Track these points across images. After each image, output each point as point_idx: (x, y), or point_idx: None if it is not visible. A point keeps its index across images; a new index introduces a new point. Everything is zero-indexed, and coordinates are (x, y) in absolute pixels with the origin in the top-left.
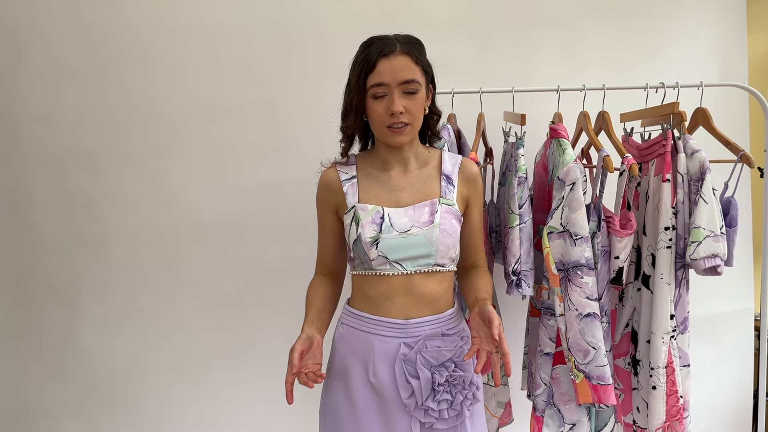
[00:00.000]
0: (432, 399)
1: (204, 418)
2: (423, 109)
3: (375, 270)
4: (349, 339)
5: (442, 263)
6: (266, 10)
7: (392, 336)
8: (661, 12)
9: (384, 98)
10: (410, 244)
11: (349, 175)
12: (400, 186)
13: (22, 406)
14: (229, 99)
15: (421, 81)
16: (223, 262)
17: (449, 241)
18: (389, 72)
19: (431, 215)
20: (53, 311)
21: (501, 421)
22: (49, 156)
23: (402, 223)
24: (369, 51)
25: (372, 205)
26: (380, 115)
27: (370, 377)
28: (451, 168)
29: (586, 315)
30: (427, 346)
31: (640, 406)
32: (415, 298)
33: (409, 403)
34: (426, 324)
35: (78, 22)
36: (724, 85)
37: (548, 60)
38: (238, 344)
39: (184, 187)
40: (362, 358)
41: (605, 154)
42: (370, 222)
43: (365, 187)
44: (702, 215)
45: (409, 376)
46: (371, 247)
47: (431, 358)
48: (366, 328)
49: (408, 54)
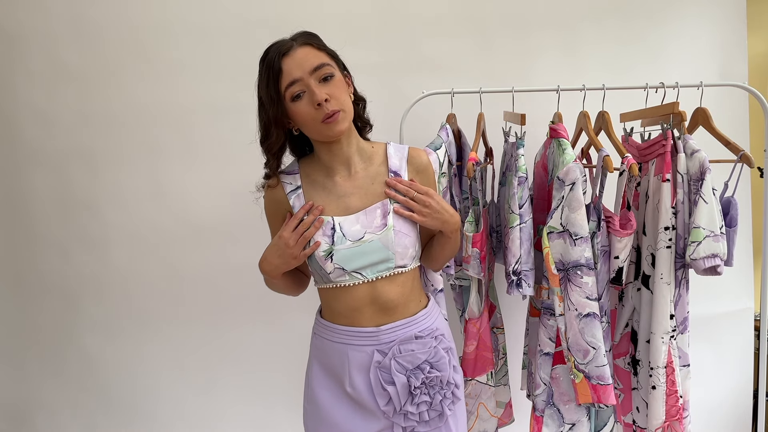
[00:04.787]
0: (411, 403)
1: (204, 417)
2: (347, 93)
3: (335, 282)
4: (324, 350)
5: (403, 264)
6: (266, 9)
7: (365, 344)
8: (661, 12)
9: (303, 96)
10: (366, 252)
11: (294, 186)
12: (348, 191)
13: (21, 406)
14: (229, 99)
15: (332, 64)
16: (223, 262)
17: (406, 240)
18: (297, 66)
19: (383, 218)
20: (53, 311)
21: (501, 421)
22: (48, 156)
23: (354, 231)
24: (268, 58)
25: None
26: (307, 112)
27: (347, 388)
28: (399, 162)
29: (585, 315)
30: (401, 351)
31: (639, 406)
32: (380, 305)
33: (387, 410)
34: (398, 329)
35: (78, 22)
36: (724, 85)
37: (548, 60)
38: (237, 344)
39: (184, 187)
40: (338, 370)
41: (605, 154)
42: (322, 235)
43: (311, 197)
44: (702, 215)
45: (384, 383)
46: (326, 260)
47: (406, 363)
48: (338, 339)
49: (307, 44)
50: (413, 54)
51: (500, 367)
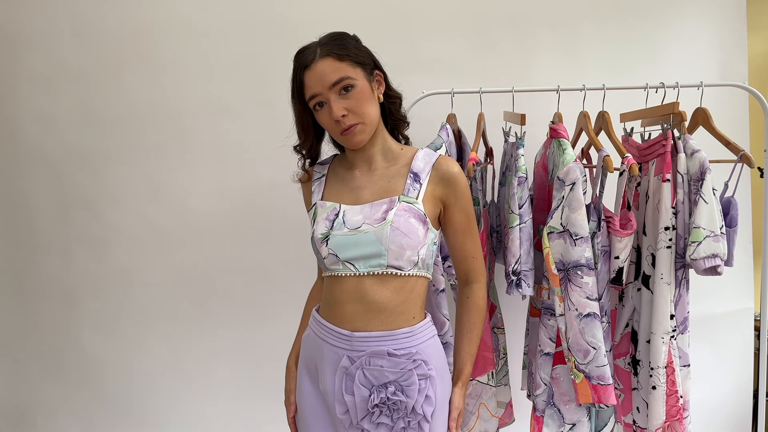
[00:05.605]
0: (369, 420)
1: (202, 417)
2: (371, 100)
3: (330, 270)
4: (309, 341)
5: (398, 266)
6: (266, 9)
7: (338, 346)
8: (661, 12)
9: (326, 106)
10: (359, 242)
11: (320, 174)
12: (363, 184)
13: (21, 406)
14: (229, 99)
15: (353, 74)
16: (223, 262)
17: (403, 240)
18: (316, 82)
19: (385, 213)
20: (53, 311)
21: (501, 421)
22: (48, 156)
23: (354, 221)
24: (294, 67)
25: (330, 202)
26: (328, 123)
27: (319, 384)
28: (423, 166)
29: (586, 315)
30: (369, 363)
31: (640, 406)
32: (365, 305)
33: (343, 420)
34: (372, 340)
35: (78, 22)
36: (724, 85)
37: (548, 60)
38: (237, 344)
39: (183, 187)
40: (315, 364)
41: (605, 154)
42: (324, 218)
43: (330, 186)
44: (702, 215)
45: (345, 391)
46: (321, 244)
47: (372, 377)
48: (320, 333)
49: (328, 55)
50: (413, 54)
51: (501, 367)
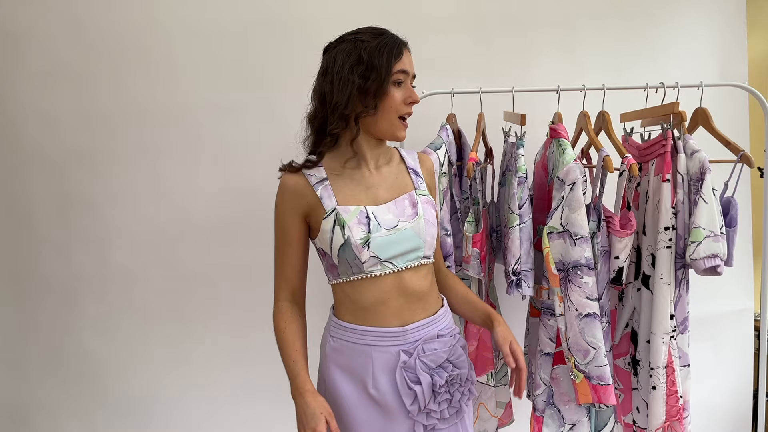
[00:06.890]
0: (434, 401)
1: (203, 417)
2: None
3: (366, 273)
4: (343, 353)
5: (428, 255)
6: (266, 9)
7: (390, 345)
8: (661, 12)
9: (402, 86)
10: (400, 240)
11: (319, 178)
12: (375, 183)
13: (21, 406)
14: (229, 99)
15: None
16: (223, 261)
17: (433, 230)
18: (410, 63)
19: (413, 207)
20: (52, 311)
21: (501, 422)
22: (48, 156)
23: (388, 220)
24: (390, 38)
25: (354, 206)
26: (398, 103)
27: (370, 390)
28: (413, 163)
29: (586, 315)
30: (425, 350)
31: (639, 406)
32: (408, 297)
33: (412, 410)
34: (422, 328)
35: (77, 22)
36: (724, 85)
37: (548, 60)
38: (237, 344)
39: (183, 187)
40: (360, 373)
41: (605, 154)
42: (357, 223)
43: (340, 188)
44: (702, 215)
45: (410, 383)
46: (362, 248)
47: (430, 362)
48: (361, 340)
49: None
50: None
51: (500, 367)
